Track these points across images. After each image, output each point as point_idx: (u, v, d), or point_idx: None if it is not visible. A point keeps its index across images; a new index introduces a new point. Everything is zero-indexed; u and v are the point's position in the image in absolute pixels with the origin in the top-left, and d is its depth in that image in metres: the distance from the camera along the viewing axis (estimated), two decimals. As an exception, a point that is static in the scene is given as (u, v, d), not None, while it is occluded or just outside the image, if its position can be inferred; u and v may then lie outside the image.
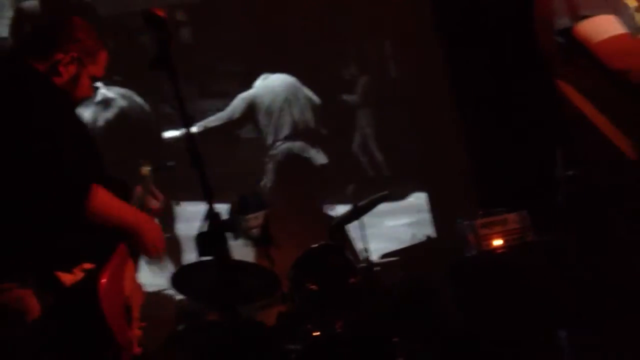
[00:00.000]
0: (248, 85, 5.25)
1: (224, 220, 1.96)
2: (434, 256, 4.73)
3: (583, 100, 2.32)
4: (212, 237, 1.82)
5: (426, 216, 5.43)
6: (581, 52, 2.27)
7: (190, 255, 4.31)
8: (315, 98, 5.34)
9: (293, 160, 5.10)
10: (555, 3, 2.32)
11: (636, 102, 2.23)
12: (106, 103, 4.84)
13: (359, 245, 4.31)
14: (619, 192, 2.28)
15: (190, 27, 5.54)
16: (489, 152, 5.17)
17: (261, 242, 3.91)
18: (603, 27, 2.21)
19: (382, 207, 4.37)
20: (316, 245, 3.71)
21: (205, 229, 1.89)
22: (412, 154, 5.52)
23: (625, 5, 2.30)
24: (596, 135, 2.29)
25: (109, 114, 4.85)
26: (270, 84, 5.29)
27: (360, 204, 4.14)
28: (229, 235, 2.00)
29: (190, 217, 4.44)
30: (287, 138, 5.20)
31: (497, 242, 3.84)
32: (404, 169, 5.60)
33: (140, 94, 4.92)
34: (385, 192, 4.34)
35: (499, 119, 5.05)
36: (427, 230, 5.34)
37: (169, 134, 4.96)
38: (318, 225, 4.48)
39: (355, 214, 4.13)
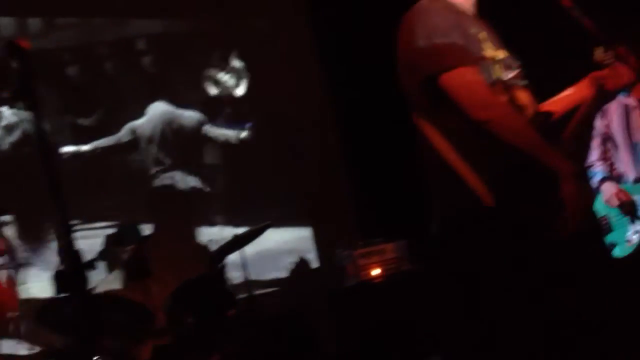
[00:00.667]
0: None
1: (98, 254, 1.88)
2: (315, 286, 4.74)
3: (444, 142, 2.40)
4: (68, 274, 1.74)
5: (310, 245, 5.44)
6: (444, 99, 2.34)
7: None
8: (197, 126, 5.34)
9: (172, 190, 5.03)
10: (419, 52, 2.40)
11: (494, 152, 2.31)
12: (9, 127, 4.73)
13: (239, 275, 4.28)
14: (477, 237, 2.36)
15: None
16: (370, 182, 5.28)
17: (138, 275, 3.81)
18: (465, 77, 2.30)
19: (265, 235, 4.36)
20: (194, 276, 3.65)
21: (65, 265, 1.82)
22: (296, 183, 5.55)
23: (484, 57, 2.40)
24: (456, 177, 2.35)
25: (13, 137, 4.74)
26: (151, 114, 5.25)
27: (242, 233, 4.12)
28: (104, 267, 1.92)
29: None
30: (167, 168, 5.14)
31: (375, 272, 3.90)
32: (287, 197, 5.61)
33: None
34: (268, 222, 4.32)
35: (381, 149, 5.18)
36: (310, 259, 5.34)
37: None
38: (198, 255, 4.41)
39: (236, 244, 4.09)
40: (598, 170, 4.01)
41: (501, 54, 2.52)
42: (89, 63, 5.14)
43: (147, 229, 4.64)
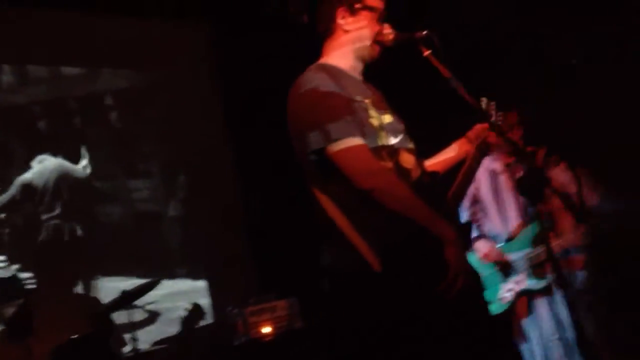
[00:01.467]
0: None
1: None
2: (207, 344, 4.64)
3: (335, 209, 2.45)
4: None
5: (205, 301, 5.32)
6: (332, 169, 2.41)
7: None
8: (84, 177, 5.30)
9: (60, 241, 4.91)
10: (305, 125, 2.45)
11: (380, 220, 2.38)
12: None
13: (127, 333, 4.15)
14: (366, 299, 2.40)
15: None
16: (266, 239, 5.27)
17: (18, 332, 3.65)
18: (350, 148, 2.38)
19: (157, 290, 4.25)
20: (76, 335, 3.51)
21: None
22: (193, 238, 5.48)
23: (370, 124, 2.48)
24: (346, 243, 2.41)
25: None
26: (42, 167, 5.16)
27: (131, 289, 4.01)
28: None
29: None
30: (58, 219, 5.01)
31: (266, 330, 3.85)
32: (184, 251, 5.52)
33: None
34: (157, 279, 4.23)
35: (279, 208, 5.20)
36: (204, 316, 5.14)
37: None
38: (85, 312, 4.24)
39: (123, 301, 3.96)
40: (471, 229, 4.15)
41: (387, 119, 2.57)
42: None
43: (33, 282, 4.49)
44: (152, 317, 4.85)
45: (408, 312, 2.36)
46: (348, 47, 2.62)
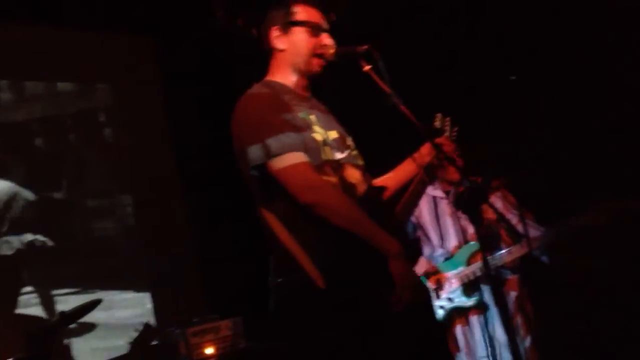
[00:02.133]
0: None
1: None
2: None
3: (279, 227, 2.43)
4: None
5: (149, 321, 5.13)
6: (276, 186, 2.40)
7: None
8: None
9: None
10: (247, 142, 2.43)
11: (323, 235, 2.36)
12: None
13: (67, 355, 4.04)
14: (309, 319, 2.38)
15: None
16: (213, 258, 5.20)
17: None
18: (291, 163, 2.36)
19: (98, 311, 4.14)
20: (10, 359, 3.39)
21: None
22: (138, 254, 5.38)
23: (313, 139, 2.46)
24: (291, 260, 2.38)
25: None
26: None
27: (69, 310, 3.88)
28: None
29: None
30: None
31: (209, 351, 3.78)
32: (127, 270, 5.41)
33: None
34: (97, 299, 4.11)
35: (226, 225, 5.14)
36: (147, 338, 4.86)
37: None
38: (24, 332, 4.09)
39: (61, 323, 3.84)
40: None
41: (332, 135, 2.55)
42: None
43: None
44: (93, 338, 4.72)
45: (353, 329, 2.32)
46: (287, 64, 2.61)
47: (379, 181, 2.75)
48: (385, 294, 2.34)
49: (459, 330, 4.01)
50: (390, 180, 2.79)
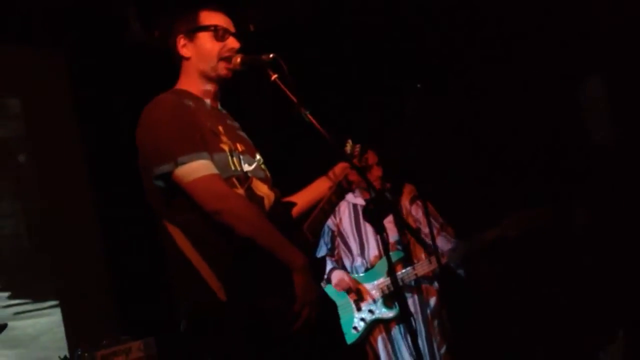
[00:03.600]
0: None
1: None
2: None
3: (183, 239, 2.36)
4: None
5: (61, 338, 4.93)
6: (179, 196, 2.33)
7: None
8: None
9: None
10: (151, 150, 2.36)
11: (227, 247, 2.31)
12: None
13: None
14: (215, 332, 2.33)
15: None
16: (125, 275, 5.07)
17: None
18: (198, 171, 2.29)
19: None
20: None
21: None
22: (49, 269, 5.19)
23: (220, 148, 2.41)
24: (194, 273, 2.32)
25: None
26: None
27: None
28: None
29: None
30: None
31: (120, 374, 3.67)
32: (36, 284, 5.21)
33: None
34: (3, 323, 3.95)
35: (138, 242, 5.01)
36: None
37: None
38: None
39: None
40: (327, 262, 4.17)
41: (240, 147, 2.50)
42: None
43: None
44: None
45: (256, 342, 2.28)
46: (194, 71, 2.55)
47: (289, 198, 2.70)
48: (286, 307, 2.29)
49: (380, 342, 3.99)
50: (300, 197, 2.74)
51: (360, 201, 4.14)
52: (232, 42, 2.55)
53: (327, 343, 3.03)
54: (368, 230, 4.10)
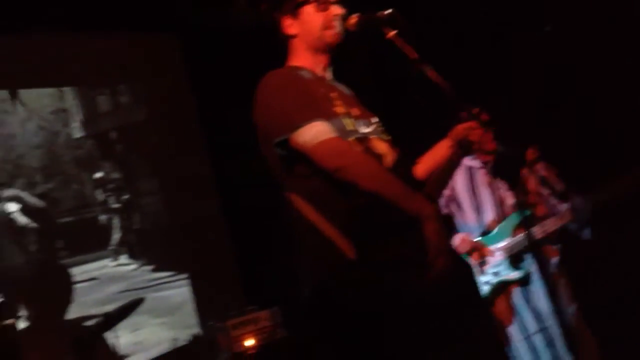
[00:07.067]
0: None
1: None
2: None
3: (306, 205, 2.34)
4: None
5: (191, 314, 5.17)
6: (299, 159, 2.32)
7: None
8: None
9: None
10: (269, 118, 2.38)
11: (351, 204, 2.27)
12: None
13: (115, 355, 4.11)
14: (344, 292, 2.29)
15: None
16: (252, 249, 5.25)
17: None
18: (317, 136, 2.27)
19: (142, 309, 4.21)
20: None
21: None
22: (176, 249, 5.47)
23: (335, 112, 2.40)
24: (320, 237, 2.30)
25: None
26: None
27: (112, 311, 3.96)
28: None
29: None
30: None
31: (249, 342, 3.77)
32: (169, 263, 5.47)
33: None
34: (140, 297, 4.19)
35: (261, 216, 5.17)
36: (192, 330, 5.08)
37: None
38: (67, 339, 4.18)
39: (106, 324, 3.83)
40: None
41: (356, 112, 2.46)
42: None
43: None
44: (139, 335, 4.81)
45: (387, 300, 2.22)
46: (302, 47, 2.55)
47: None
48: (420, 258, 2.19)
49: (506, 304, 3.93)
50: (421, 160, 2.68)
51: (475, 163, 4.03)
52: (336, 9, 2.53)
53: (465, 300, 2.98)
54: (484, 193, 3.99)
